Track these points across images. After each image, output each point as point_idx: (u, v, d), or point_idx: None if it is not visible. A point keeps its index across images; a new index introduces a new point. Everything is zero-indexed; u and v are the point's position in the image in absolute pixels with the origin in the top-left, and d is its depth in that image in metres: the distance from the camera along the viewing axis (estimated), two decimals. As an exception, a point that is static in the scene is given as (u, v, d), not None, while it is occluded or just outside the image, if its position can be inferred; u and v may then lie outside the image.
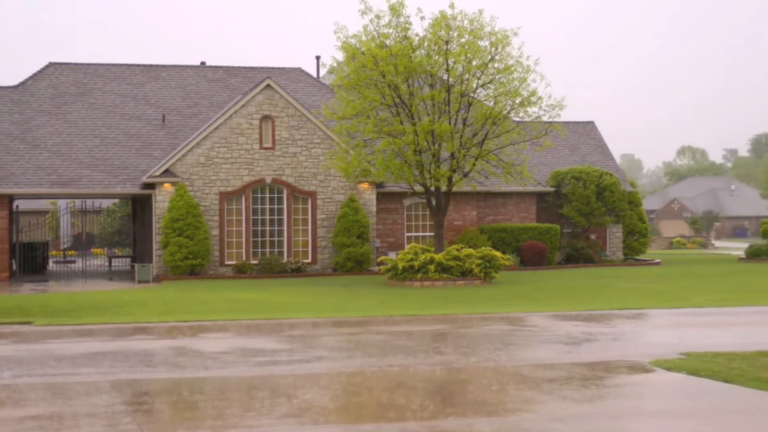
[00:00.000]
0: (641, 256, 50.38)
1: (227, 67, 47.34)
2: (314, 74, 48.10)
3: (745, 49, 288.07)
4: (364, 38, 34.00)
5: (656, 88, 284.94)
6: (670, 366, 14.31)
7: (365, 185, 39.65)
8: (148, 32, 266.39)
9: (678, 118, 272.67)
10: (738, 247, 73.71)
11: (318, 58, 47.27)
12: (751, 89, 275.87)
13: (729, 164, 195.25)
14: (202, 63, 48.43)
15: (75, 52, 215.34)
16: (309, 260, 39.23)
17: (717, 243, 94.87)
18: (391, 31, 33.91)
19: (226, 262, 38.37)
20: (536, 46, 35.28)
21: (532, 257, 42.01)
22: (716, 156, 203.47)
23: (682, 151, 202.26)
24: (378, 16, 33.83)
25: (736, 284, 32.62)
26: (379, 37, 33.91)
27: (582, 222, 44.96)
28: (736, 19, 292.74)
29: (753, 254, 50.16)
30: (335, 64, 36.38)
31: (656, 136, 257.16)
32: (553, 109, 34.50)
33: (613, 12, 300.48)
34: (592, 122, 52.71)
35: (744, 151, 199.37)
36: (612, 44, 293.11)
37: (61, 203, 58.72)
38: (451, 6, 33.74)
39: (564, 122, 43.28)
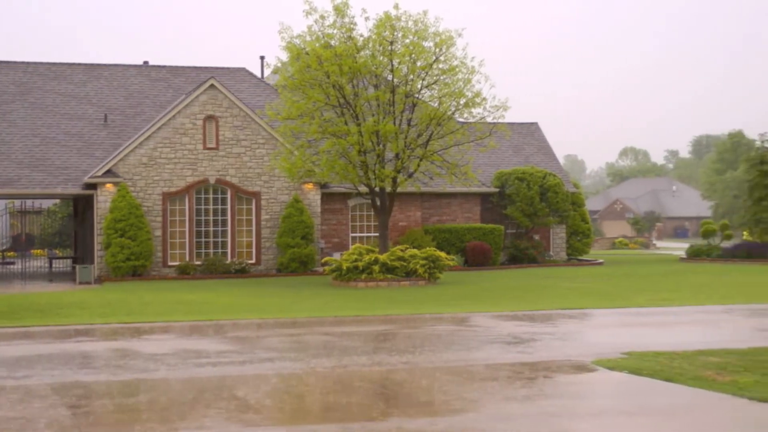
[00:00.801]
0: (584, 257, 50.83)
1: (171, 66, 46.96)
2: (259, 74, 47.92)
3: (682, 53, 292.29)
4: (308, 38, 33.91)
5: (598, 89, 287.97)
6: (612, 365, 14.42)
7: (310, 186, 39.55)
8: (89, 31, 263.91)
9: (620, 119, 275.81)
10: (679, 248, 74.66)
11: (262, 58, 47.15)
12: (692, 92, 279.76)
13: (670, 165, 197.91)
14: (145, 62, 47.99)
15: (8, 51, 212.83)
16: (253, 261, 39.05)
17: (658, 243, 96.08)
18: (335, 31, 33.84)
19: (169, 263, 38.06)
20: (479, 48, 35.40)
21: (476, 258, 42.16)
22: (658, 157, 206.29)
23: (624, 152, 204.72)
24: (322, 17, 33.76)
25: (677, 284, 32.99)
26: (323, 37, 33.82)
27: (526, 222, 45.21)
28: (678, 23, 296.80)
29: (693, 254, 50.83)
30: (279, 65, 36.23)
31: (599, 137, 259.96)
32: (498, 110, 34.65)
33: (549, 14, 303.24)
34: (536, 123, 53.02)
35: (685, 152, 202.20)
36: (552, 46, 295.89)
37: None
38: (396, 7, 33.74)
39: (508, 123, 43.48)
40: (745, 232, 53.89)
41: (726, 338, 17.90)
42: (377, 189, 34.69)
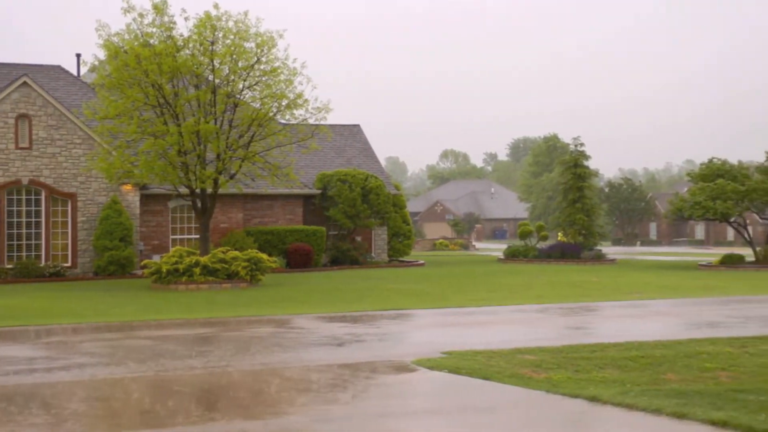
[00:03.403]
0: (405, 258, 51.41)
1: (-20, 63, 45.12)
2: (75, 72, 46.56)
3: (499, 56, 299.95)
4: (127, 37, 33.09)
5: (420, 91, 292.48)
6: (432, 365, 14.58)
7: (128, 187, 38.70)
8: None
9: (441, 121, 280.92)
10: (497, 248, 76.54)
11: (79, 56, 45.79)
12: (509, 96, 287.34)
13: (489, 168, 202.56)
14: (-47, 58, 45.97)
15: None
16: (69, 264, 37.93)
17: (478, 244, 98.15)
18: (155, 30, 33.16)
19: (-20, 267, 36.59)
20: (301, 50, 35.42)
21: (298, 259, 42.09)
22: (477, 160, 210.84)
23: (445, 155, 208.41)
24: (141, 15, 33.03)
25: (496, 284, 33.74)
26: (142, 36, 33.10)
27: (348, 224, 45.44)
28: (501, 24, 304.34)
29: (511, 255, 52.16)
30: (97, 63, 35.31)
31: (420, 140, 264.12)
32: (320, 111, 34.67)
33: (368, 15, 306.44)
34: (358, 125, 53.40)
35: (503, 155, 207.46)
36: (379, 48, 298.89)
37: None
38: (216, 7, 33.34)
39: (330, 125, 43.57)
40: (559, 233, 55.70)
41: (541, 336, 18.40)
42: (198, 190, 34.23)
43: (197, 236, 38.88)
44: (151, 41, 33.04)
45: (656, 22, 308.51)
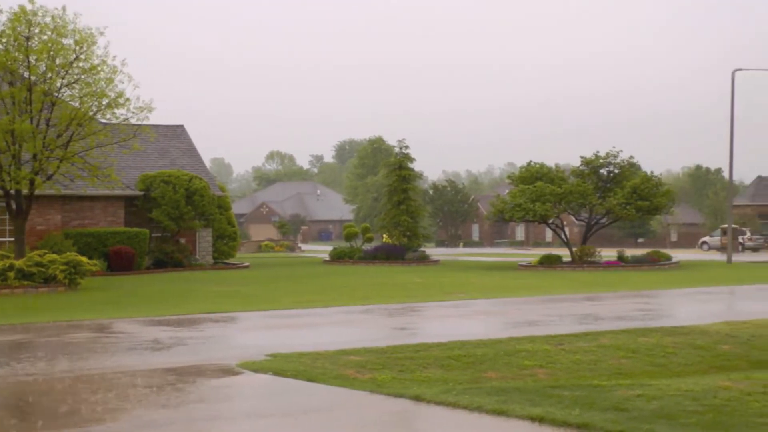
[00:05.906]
0: (231, 260, 51.02)
1: None
2: None
3: (324, 62, 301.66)
4: (-64, 30, 31.74)
5: (246, 94, 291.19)
6: (257, 367, 14.44)
7: (-62, 188, 37.05)
8: None
9: (267, 123, 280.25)
10: (323, 250, 76.80)
11: None
12: (337, 94, 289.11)
13: (315, 170, 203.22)
14: None
15: None
16: None
17: (304, 246, 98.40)
18: (-33, 24, 31.92)
19: None
20: (126, 48, 34.73)
21: (120, 262, 41.15)
22: (303, 161, 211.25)
23: (271, 156, 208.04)
24: (-49, 8, 31.76)
25: (321, 286, 33.79)
26: (-47, 30, 31.81)
27: (171, 226, 44.73)
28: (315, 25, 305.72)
29: (337, 256, 52.40)
30: None
31: (246, 141, 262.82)
32: (142, 111, 34.07)
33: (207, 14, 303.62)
34: (182, 126, 52.67)
35: (329, 157, 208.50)
36: (202, 49, 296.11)
37: None
38: (31, 1, 32.29)
39: (153, 125, 42.80)
40: (385, 235, 56.20)
41: (366, 337, 18.48)
42: (12, 191, 33.08)
43: (12, 239, 37.55)
44: (-37, 36, 31.77)
45: (489, 27, 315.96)
